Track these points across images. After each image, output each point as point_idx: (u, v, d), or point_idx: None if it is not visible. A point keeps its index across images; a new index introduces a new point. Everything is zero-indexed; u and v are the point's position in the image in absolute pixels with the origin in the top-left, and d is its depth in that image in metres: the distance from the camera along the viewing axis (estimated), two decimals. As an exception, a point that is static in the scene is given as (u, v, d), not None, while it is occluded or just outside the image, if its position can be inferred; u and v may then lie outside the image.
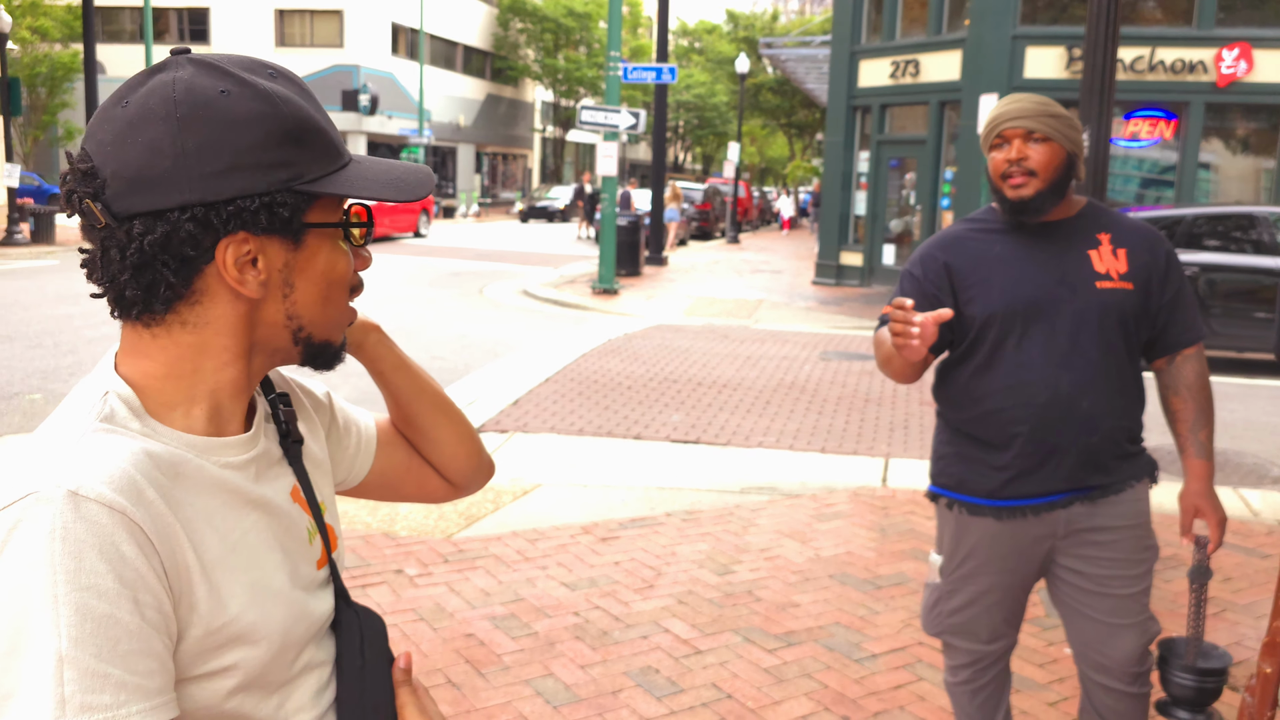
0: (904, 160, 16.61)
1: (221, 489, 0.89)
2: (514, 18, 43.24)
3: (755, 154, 58.51)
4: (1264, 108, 14.13)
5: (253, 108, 0.86)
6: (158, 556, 0.80)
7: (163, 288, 0.86)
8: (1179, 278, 2.29)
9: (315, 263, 0.92)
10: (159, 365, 0.89)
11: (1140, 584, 2.31)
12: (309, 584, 0.98)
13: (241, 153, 0.85)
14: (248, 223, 0.86)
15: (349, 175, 0.92)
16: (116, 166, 0.84)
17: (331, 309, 0.95)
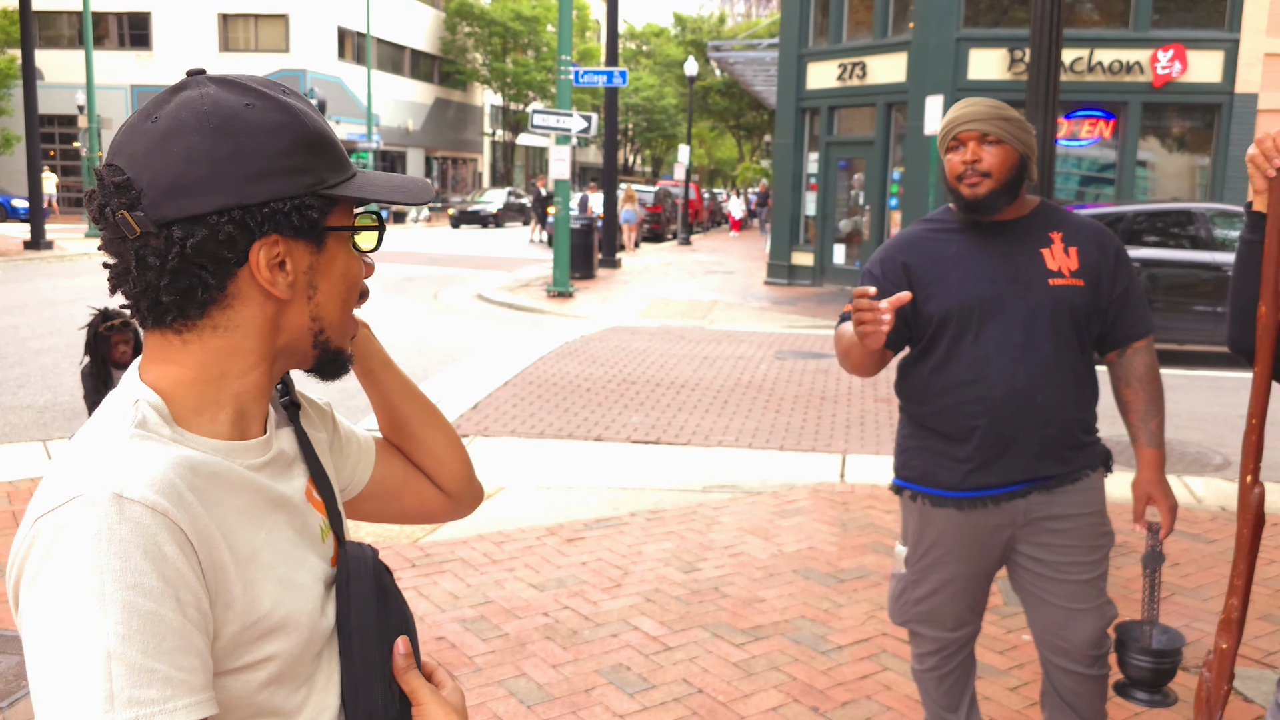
0: (852, 161, 16.84)
1: (248, 489, 0.92)
2: (461, 21, 43.03)
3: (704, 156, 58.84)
4: (1198, 107, 14.56)
5: (276, 118, 0.91)
6: (196, 556, 0.83)
7: (200, 291, 0.90)
8: (1128, 274, 2.39)
9: (335, 265, 0.97)
10: (188, 370, 0.92)
11: (1097, 569, 2.40)
12: (328, 579, 1.01)
13: (270, 159, 0.90)
14: (280, 224, 0.91)
15: (360, 182, 0.98)
16: (153, 176, 0.87)
17: (347, 312, 1.00)
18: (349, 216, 0.98)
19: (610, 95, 18.50)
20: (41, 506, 0.82)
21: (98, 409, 0.94)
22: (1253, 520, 1.87)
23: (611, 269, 19.08)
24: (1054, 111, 4.64)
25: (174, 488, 0.83)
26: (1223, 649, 1.89)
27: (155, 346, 0.94)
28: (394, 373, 1.23)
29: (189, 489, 0.85)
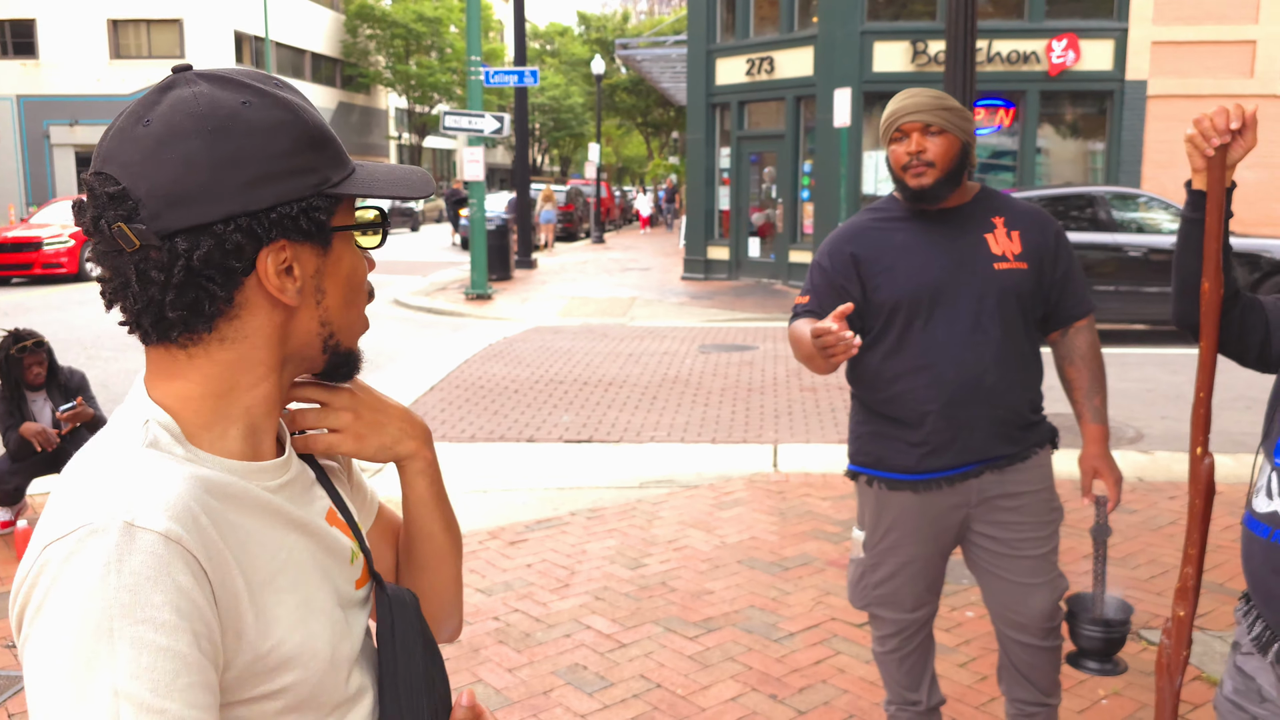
0: (763, 155, 17.03)
1: (267, 511, 0.88)
2: (362, 24, 42.22)
3: (612, 154, 58.88)
4: (1091, 94, 15.11)
5: (275, 115, 0.87)
6: (210, 585, 0.79)
7: (206, 304, 0.85)
8: (1068, 255, 2.46)
9: (341, 266, 0.93)
10: (195, 386, 0.88)
11: (1049, 544, 2.47)
12: (349, 603, 0.97)
13: (273, 160, 0.85)
14: (288, 229, 0.87)
15: (362, 178, 0.94)
16: (150, 185, 0.82)
17: (354, 313, 0.96)
18: (351, 214, 0.95)
19: (520, 95, 18.38)
20: (48, 534, 0.77)
21: (104, 428, 0.88)
22: (1204, 490, 1.93)
23: (528, 269, 18.97)
24: (970, 102, 4.76)
25: (189, 512, 0.79)
26: (1180, 616, 1.96)
27: (160, 362, 0.89)
28: (440, 510, 1.11)
29: (205, 511, 0.81)
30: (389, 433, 1.02)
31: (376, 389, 1.04)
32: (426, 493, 1.08)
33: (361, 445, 1.00)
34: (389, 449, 1.02)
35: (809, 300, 2.46)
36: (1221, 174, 1.84)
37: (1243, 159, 1.85)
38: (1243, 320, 1.94)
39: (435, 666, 1.02)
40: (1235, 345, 1.96)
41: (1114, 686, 3.29)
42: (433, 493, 1.09)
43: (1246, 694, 1.83)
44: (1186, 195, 1.92)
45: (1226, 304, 1.93)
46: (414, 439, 1.04)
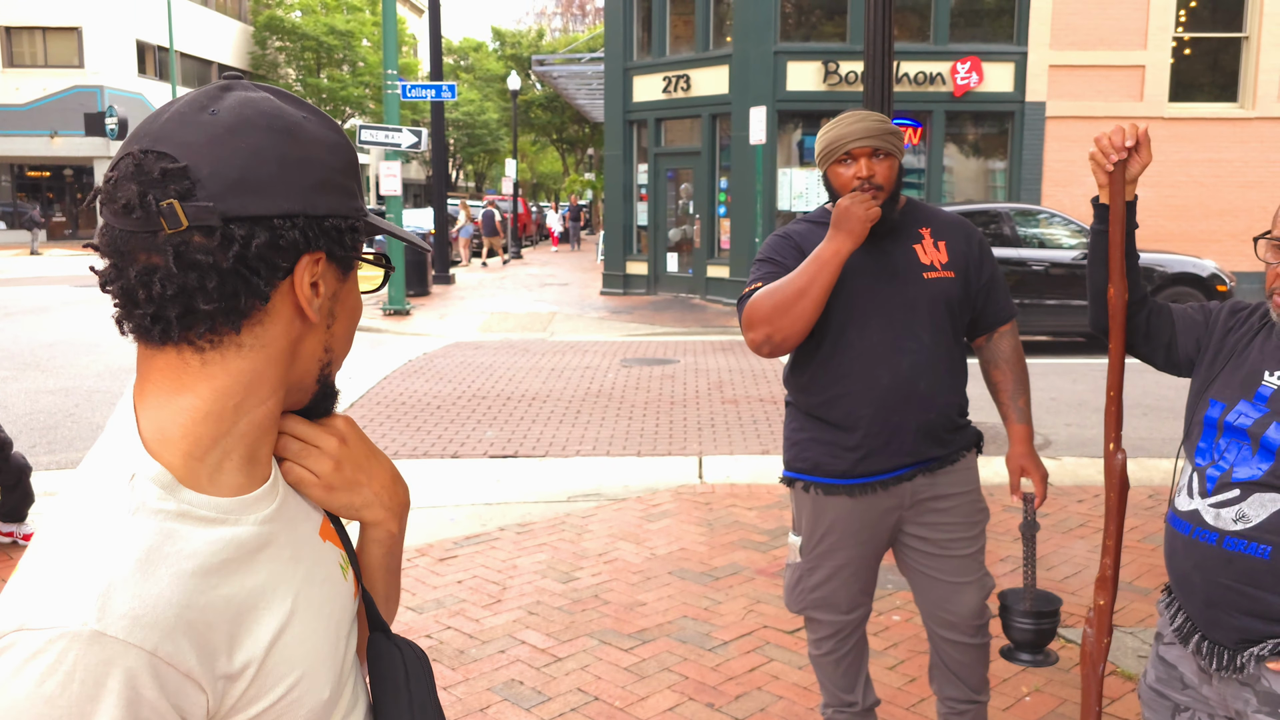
0: (679, 171, 17.22)
1: (265, 554, 0.85)
2: (271, 36, 41.39)
3: (527, 170, 58.76)
4: (993, 114, 15.66)
5: (331, 136, 0.88)
6: (189, 685, 0.75)
7: (244, 299, 0.82)
8: (991, 263, 2.56)
9: (352, 297, 0.93)
10: (202, 400, 0.83)
11: (977, 544, 2.56)
12: (349, 622, 0.95)
13: (332, 173, 0.86)
14: (333, 242, 0.87)
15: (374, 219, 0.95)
16: (216, 167, 0.80)
17: (348, 348, 0.96)
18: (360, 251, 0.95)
19: (437, 110, 18.25)
20: (6, 620, 0.71)
21: (84, 477, 0.82)
22: (1118, 484, 2.04)
23: (446, 285, 18.80)
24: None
25: (173, 609, 0.74)
26: (1100, 605, 2.06)
27: (166, 370, 0.83)
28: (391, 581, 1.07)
29: (196, 592, 0.77)
30: (361, 495, 0.97)
31: (372, 444, 1.00)
32: (377, 562, 1.03)
33: (329, 497, 0.95)
34: (355, 509, 0.97)
35: (762, 286, 2.45)
36: (1121, 189, 1.97)
37: (1141, 174, 1.97)
38: (1149, 324, 2.05)
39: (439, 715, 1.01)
40: (1143, 347, 2.08)
41: (1036, 683, 3.41)
42: (384, 564, 1.04)
43: (1169, 682, 1.92)
44: (1094, 210, 2.04)
45: (1133, 309, 2.04)
46: (384, 509, 0.99)
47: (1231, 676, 1.78)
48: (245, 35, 41.53)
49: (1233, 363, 1.87)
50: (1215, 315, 1.98)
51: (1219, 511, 1.78)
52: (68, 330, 12.47)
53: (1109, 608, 2.04)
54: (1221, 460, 1.80)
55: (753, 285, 2.48)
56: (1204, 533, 1.80)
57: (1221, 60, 15.67)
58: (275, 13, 41.22)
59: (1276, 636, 1.72)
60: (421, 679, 1.00)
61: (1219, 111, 15.48)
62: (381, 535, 1.01)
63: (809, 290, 2.30)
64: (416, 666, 1.00)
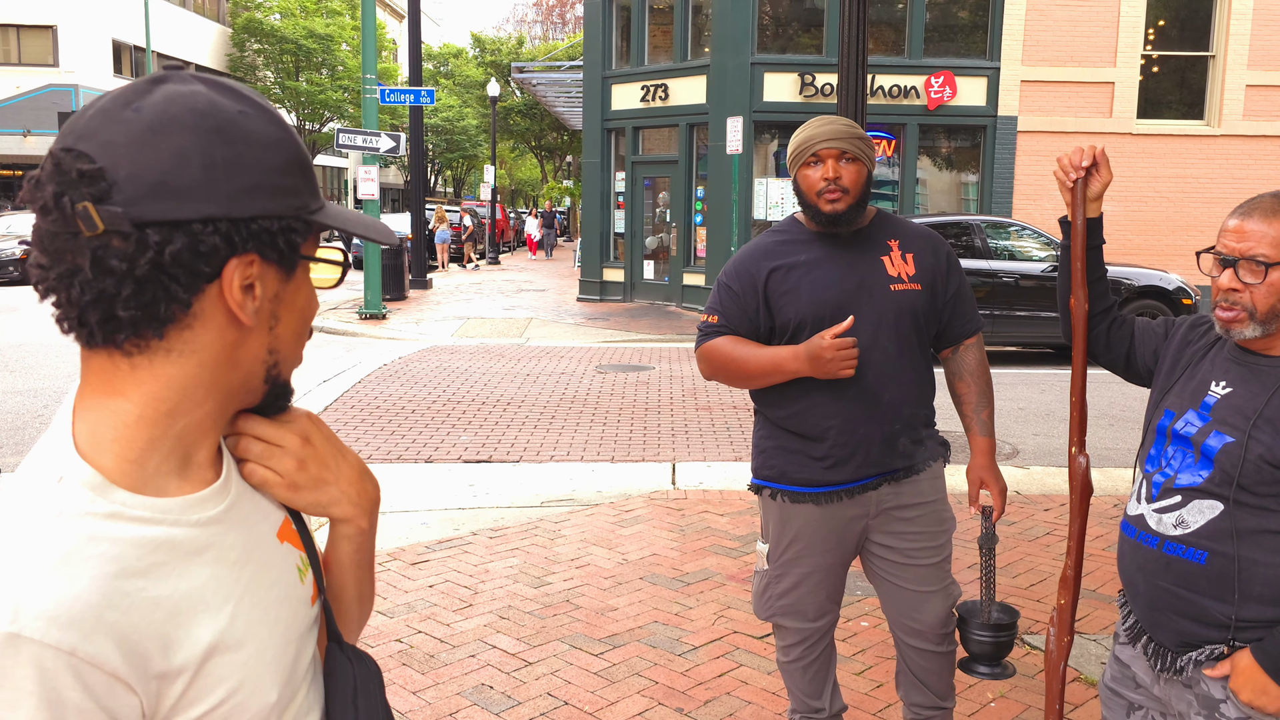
0: (656, 180, 17.29)
1: (204, 557, 0.82)
2: (250, 38, 41.14)
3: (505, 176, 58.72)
4: (966, 128, 15.85)
5: (271, 131, 0.84)
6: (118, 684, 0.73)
7: (164, 305, 0.79)
8: (959, 276, 2.61)
9: (299, 297, 0.90)
10: (134, 405, 0.81)
11: (942, 553, 2.61)
12: (303, 626, 0.93)
13: (266, 174, 0.83)
14: (264, 244, 0.83)
15: (335, 212, 0.92)
16: (134, 169, 0.77)
17: (300, 347, 0.93)
18: (315, 247, 0.92)
19: (415, 115, 18.23)
20: None
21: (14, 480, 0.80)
22: (1080, 487, 2.10)
23: (423, 289, 18.76)
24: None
25: (92, 610, 0.72)
26: (1062, 604, 2.11)
27: (98, 373, 0.82)
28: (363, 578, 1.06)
29: (119, 594, 0.74)
30: (328, 492, 0.95)
31: (338, 441, 0.98)
32: (348, 559, 1.02)
33: (294, 496, 0.93)
34: (322, 507, 0.96)
35: (718, 320, 2.55)
36: (1081, 205, 2.05)
37: (1102, 192, 2.05)
38: (1110, 334, 2.12)
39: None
40: (1105, 356, 2.15)
41: (1001, 689, 3.47)
42: (355, 560, 1.02)
43: (1123, 680, 1.98)
44: (1061, 228, 2.12)
45: (1098, 319, 2.12)
46: (353, 505, 0.97)
47: (1175, 678, 1.84)
48: (224, 37, 41.28)
49: (1187, 374, 1.94)
50: (1176, 328, 2.05)
51: (1161, 516, 1.84)
52: (37, 331, 12.34)
53: (1070, 607, 2.10)
54: (1167, 467, 1.86)
55: (710, 316, 2.55)
56: (1147, 537, 1.86)
57: (1189, 78, 15.94)
58: (254, 15, 40.99)
59: (1213, 642, 1.78)
60: (372, 695, 0.98)
61: (1186, 128, 15.73)
62: (351, 532, 1.00)
63: (756, 379, 2.51)
64: (368, 681, 0.98)
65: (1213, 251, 1.83)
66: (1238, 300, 1.78)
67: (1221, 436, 1.79)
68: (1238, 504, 1.74)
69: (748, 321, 2.51)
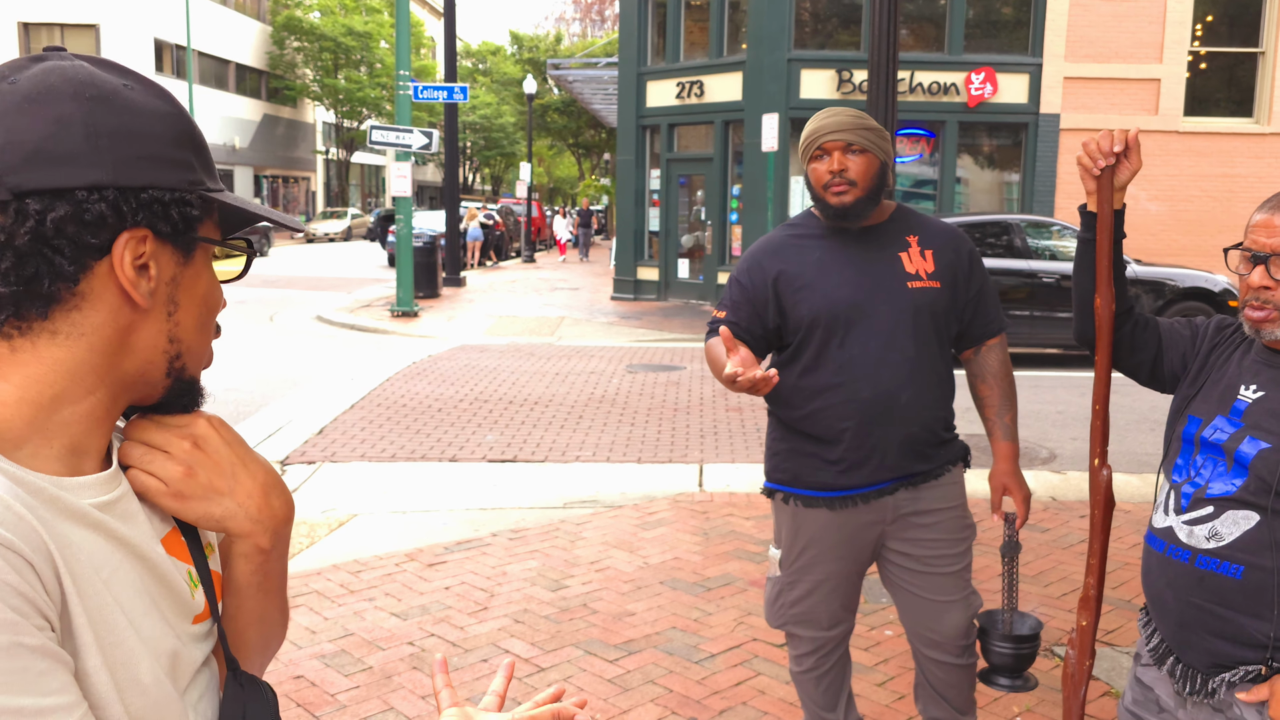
0: (692, 178, 17.19)
1: (87, 522, 0.77)
2: (290, 36, 41.60)
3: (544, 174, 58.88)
4: (1007, 126, 15.57)
5: (158, 104, 0.81)
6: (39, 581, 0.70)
7: (48, 281, 0.75)
8: (981, 275, 2.50)
9: (200, 283, 0.86)
10: (14, 388, 0.76)
11: (962, 561, 2.50)
12: (185, 640, 0.86)
13: (154, 144, 0.79)
14: (156, 216, 0.79)
15: (234, 196, 0.88)
16: (10, 137, 0.74)
17: (204, 339, 0.88)
18: (217, 234, 0.88)
19: (450, 112, 18.26)
20: None
21: None
22: (1102, 501, 1.97)
23: (456, 287, 18.80)
24: (892, 129, 4.85)
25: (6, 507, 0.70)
26: (1083, 625, 1.99)
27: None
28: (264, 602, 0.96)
29: (27, 509, 0.71)
30: (223, 505, 0.87)
31: (244, 448, 0.91)
32: (245, 580, 0.93)
33: (181, 506, 0.86)
34: (215, 520, 0.88)
35: (726, 315, 2.46)
36: (1109, 196, 1.89)
37: (1130, 181, 1.90)
38: (1134, 338, 1.99)
39: None
40: (1128, 361, 2.01)
41: (1027, 703, 3.34)
42: (254, 583, 0.94)
43: (1145, 704, 1.87)
44: (1081, 218, 1.97)
45: (1119, 320, 1.97)
46: (251, 521, 0.89)
47: (1204, 701, 1.73)
48: (264, 35, 41.77)
49: (1213, 378, 1.83)
50: (1203, 331, 1.92)
51: (1192, 529, 1.73)
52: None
53: (1091, 628, 1.98)
54: (1197, 476, 1.76)
55: (718, 311, 2.47)
56: (1177, 550, 1.75)
57: (1238, 75, 15.54)
58: (294, 13, 41.46)
59: (1248, 662, 1.66)
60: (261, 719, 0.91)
61: (1234, 126, 15.34)
62: (248, 550, 0.91)
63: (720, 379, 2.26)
64: (261, 712, 0.91)
65: (1241, 248, 1.72)
66: (1269, 298, 1.67)
67: (1256, 443, 1.67)
68: (1276, 513, 1.63)
69: (756, 317, 2.42)
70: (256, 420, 7.57)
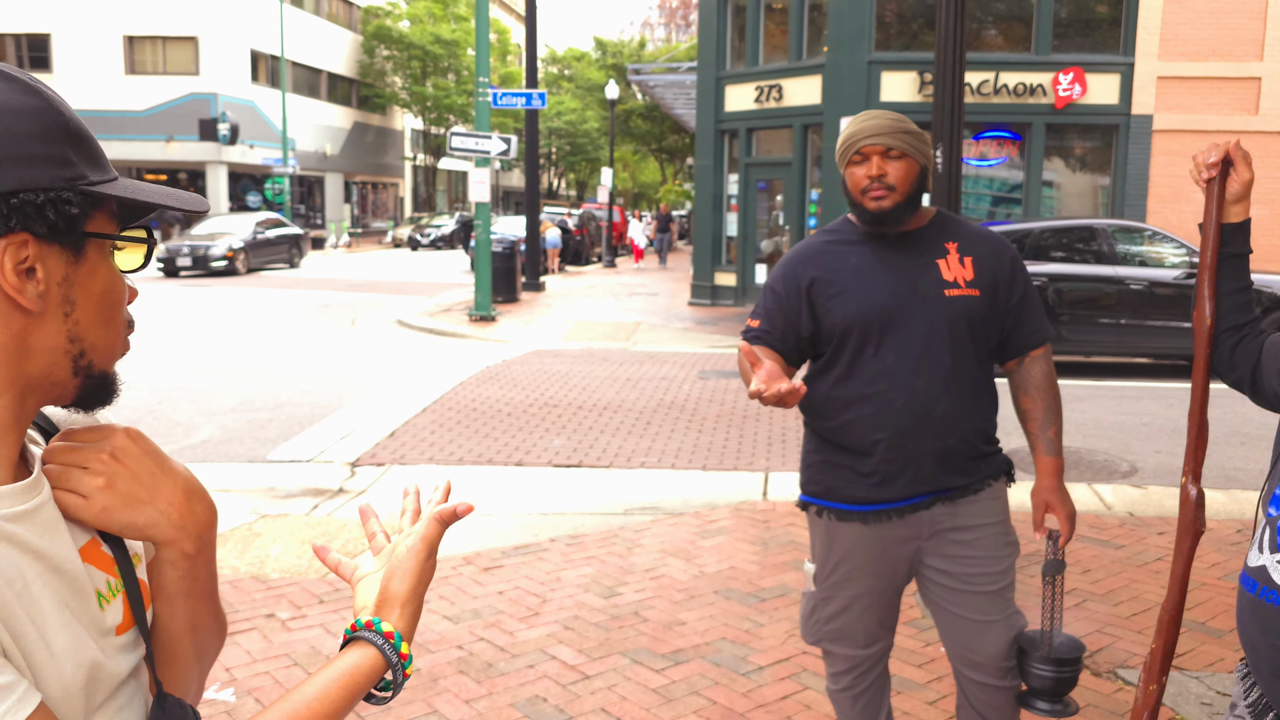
0: (771, 182, 17.05)
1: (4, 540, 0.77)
2: (379, 45, 42.62)
3: (628, 179, 59.15)
4: (1098, 127, 15.08)
5: (26, 101, 0.79)
6: None
7: None
8: (1024, 282, 2.41)
9: (96, 279, 0.84)
10: None
11: (1004, 580, 2.41)
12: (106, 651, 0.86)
13: (20, 143, 0.77)
14: (31, 219, 0.77)
15: (126, 184, 0.86)
16: None
17: (111, 333, 0.87)
18: (112, 226, 0.86)
19: (530, 118, 18.46)
20: None
21: None
22: (1190, 525, 1.86)
23: (535, 292, 19.00)
24: (959, 131, 4.73)
25: None
26: (1154, 649, 1.90)
27: None
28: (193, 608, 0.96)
29: None
30: (145, 513, 0.88)
31: (163, 457, 0.91)
32: (173, 587, 0.93)
33: (107, 518, 0.86)
34: (139, 529, 0.88)
35: (760, 324, 2.42)
36: (1215, 208, 1.83)
37: (1243, 194, 1.82)
38: (1234, 352, 1.89)
39: None
40: (1230, 376, 1.91)
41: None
42: (183, 588, 0.93)
43: None
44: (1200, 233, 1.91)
45: (1225, 335, 1.88)
46: (175, 528, 0.89)
47: None
48: (355, 44, 42.85)
49: None
50: None
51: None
52: (149, 326, 12.99)
53: (1162, 652, 1.89)
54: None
55: (752, 320, 2.42)
56: (1270, 593, 1.60)
57: (1348, 71, 14.78)
58: (384, 23, 42.45)
59: None
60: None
61: (1344, 125, 14.60)
62: (174, 556, 0.91)
63: None
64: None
65: None
66: None
67: None
68: None
69: (789, 325, 2.37)
70: (330, 422, 7.75)
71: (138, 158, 32.99)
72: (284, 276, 22.96)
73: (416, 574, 1.01)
